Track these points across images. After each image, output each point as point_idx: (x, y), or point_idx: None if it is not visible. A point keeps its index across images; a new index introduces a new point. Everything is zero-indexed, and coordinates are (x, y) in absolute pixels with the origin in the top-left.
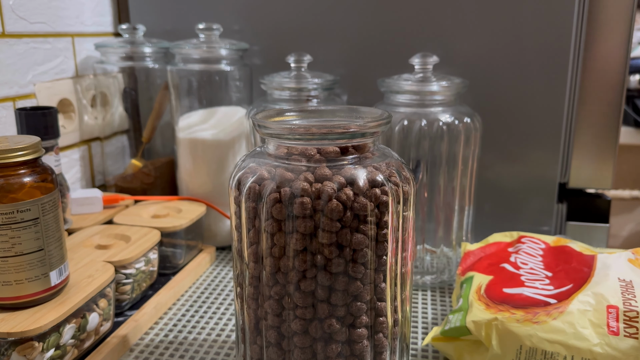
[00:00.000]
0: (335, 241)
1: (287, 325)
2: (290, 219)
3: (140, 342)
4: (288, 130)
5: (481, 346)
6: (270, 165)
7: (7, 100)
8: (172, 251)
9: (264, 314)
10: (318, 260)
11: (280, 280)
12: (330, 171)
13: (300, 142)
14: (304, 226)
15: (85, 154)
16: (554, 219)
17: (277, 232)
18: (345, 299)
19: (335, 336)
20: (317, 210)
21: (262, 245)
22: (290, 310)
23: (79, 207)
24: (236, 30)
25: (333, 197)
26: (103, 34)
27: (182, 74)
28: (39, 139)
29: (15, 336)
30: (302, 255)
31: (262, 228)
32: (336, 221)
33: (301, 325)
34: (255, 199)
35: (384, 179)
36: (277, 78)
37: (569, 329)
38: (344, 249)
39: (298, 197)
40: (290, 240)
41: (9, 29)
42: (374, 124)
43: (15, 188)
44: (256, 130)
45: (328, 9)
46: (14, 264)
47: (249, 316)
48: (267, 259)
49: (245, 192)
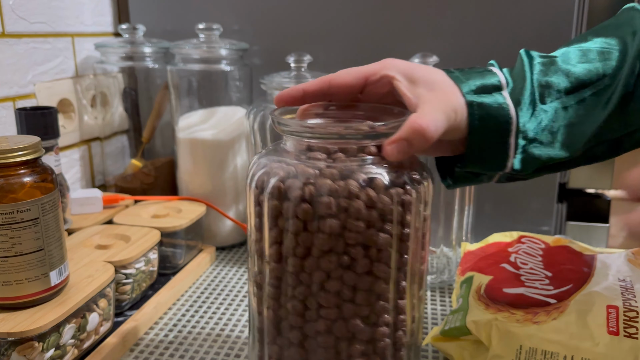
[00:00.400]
0: (360, 241)
1: (310, 325)
2: (316, 219)
3: (140, 342)
4: (308, 129)
5: (481, 346)
6: (292, 164)
7: (7, 100)
8: (172, 251)
9: (285, 314)
10: (344, 261)
11: (304, 281)
12: (354, 171)
13: (323, 141)
14: (329, 226)
15: (85, 154)
16: (553, 219)
17: (302, 232)
18: (370, 298)
19: (359, 335)
20: (342, 210)
21: (286, 245)
22: (314, 311)
23: (79, 207)
24: (236, 30)
25: (359, 197)
26: (103, 34)
27: (182, 74)
28: (39, 139)
29: (15, 336)
30: (327, 255)
31: (286, 227)
32: (362, 221)
33: (326, 325)
34: (280, 197)
35: (407, 179)
36: (277, 78)
37: (569, 329)
38: (369, 248)
39: (324, 196)
40: (316, 240)
41: (9, 29)
42: (397, 124)
43: (15, 188)
44: (275, 127)
45: (328, 9)
46: (14, 264)
47: (269, 316)
48: (290, 258)
49: (269, 190)
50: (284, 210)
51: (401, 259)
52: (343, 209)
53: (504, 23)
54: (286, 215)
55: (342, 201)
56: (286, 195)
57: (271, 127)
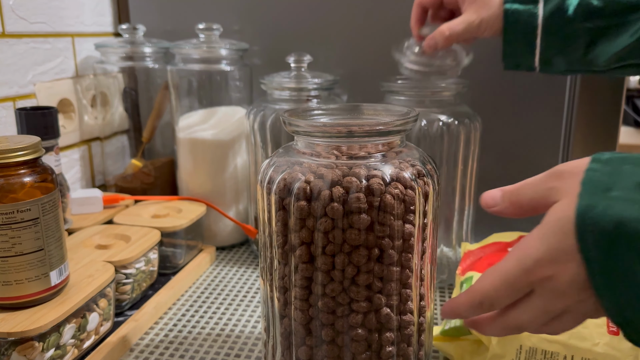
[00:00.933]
0: (389, 234)
1: (341, 321)
2: (345, 215)
3: (140, 341)
4: (319, 129)
5: (481, 346)
6: (311, 165)
7: (7, 100)
8: (172, 251)
9: (315, 313)
10: (374, 254)
11: (335, 278)
12: (375, 167)
13: (337, 141)
14: (361, 222)
15: (85, 154)
16: None
17: (332, 230)
18: (398, 287)
19: (389, 325)
20: (372, 206)
21: (315, 244)
22: (345, 306)
23: (79, 207)
24: (236, 31)
25: (385, 192)
26: (103, 34)
27: (182, 74)
28: (39, 139)
29: (15, 336)
30: (358, 250)
31: (317, 227)
32: (390, 214)
33: (358, 319)
34: (307, 198)
35: (425, 171)
36: (277, 78)
37: None
38: (395, 240)
39: (353, 194)
40: (347, 236)
41: (9, 29)
42: (406, 121)
43: (15, 188)
44: (286, 128)
45: (328, 9)
46: (14, 263)
47: (297, 318)
48: (320, 257)
49: (295, 192)
50: (312, 211)
51: (422, 247)
52: (371, 204)
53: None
54: (315, 215)
55: (370, 198)
56: (313, 195)
57: (271, 126)
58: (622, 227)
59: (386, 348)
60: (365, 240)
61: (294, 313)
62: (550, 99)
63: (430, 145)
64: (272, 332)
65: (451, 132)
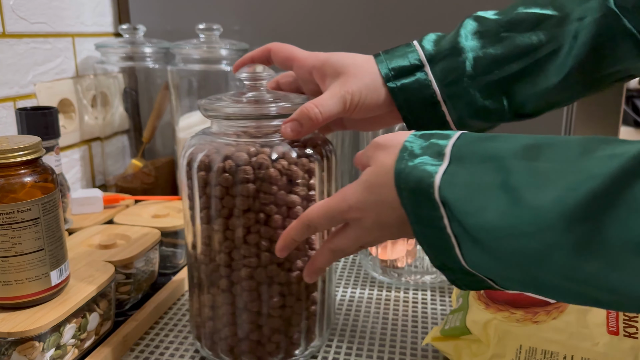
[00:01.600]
0: (273, 201)
1: (236, 274)
2: (236, 184)
3: (140, 341)
4: (226, 113)
5: (481, 346)
6: (216, 142)
7: (7, 100)
8: (173, 251)
9: (216, 266)
10: (260, 218)
11: (229, 237)
12: (270, 146)
13: (240, 123)
14: (246, 190)
15: (86, 154)
16: None
17: (225, 197)
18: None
19: (276, 279)
20: (257, 177)
21: (213, 208)
22: (238, 261)
23: (79, 207)
24: (236, 31)
25: (270, 167)
26: (103, 34)
27: (182, 74)
28: (40, 139)
29: (15, 336)
30: (247, 214)
31: (213, 194)
32: (274, 185)
33: (248, 272)
34: (206, 169)
35: (314, 151)
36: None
37: (568, 329)
38: (281, 207)
39: (241, 166)
40: (237, 202)
41: (9, 29)
42: (295, 107)
43: (15, 188)
44: (202, 112)
45: (328, 10)
46: (14, 263)
47: (203, 270)
48: (217, 219)
49: (197, 164)
50: (209, 180)
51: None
52: (257, 176)
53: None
54: (211, 184)
55: (257, 171)
56: (210, 167)
57: None
58: (421, 183)
59: (273, 299)
60: (252, 205)
61: (201, 266)
62: None
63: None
64: (190, 283)
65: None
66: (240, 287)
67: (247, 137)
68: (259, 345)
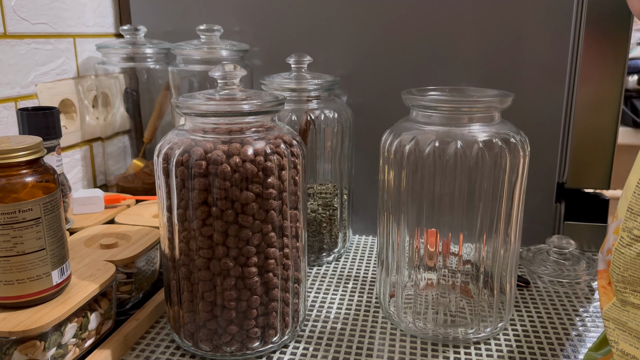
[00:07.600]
0: (226, 196)
1: (193, 263)
2: (191, 178)
3: (141, 341)
4: (197, 110)
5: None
6: (185, 138)
7: (9, 100)
8: None
9: (177, 255)
10: (213, 211)
11: (187, 228)
12: (234, 142)
13: (208, 119)
14: (199, 183)
15: (87, 154)
16: (551, 218)
17: (182, 189)
18: (238, 243)
19: (230, 272)
20: (211, 172)
21: (172, 199)
22: (195, 251)
23: (80, 206)
24: (237, 32)
25: (224, 162)
26: (104, 35)
27: (183, 74)
28: (41, 139)
29: (17, 335)
30: (202, 207)
31: (172, 185)
32: (227, 181)
33: (203, 262)
34: (168, 162)
35: (271, 150)
36: (278, 79)
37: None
38: (234, 203)
39: (196, 161)
40: (191, 194)
41: (10, 30)
42: (267, 105)
43: (17, 188)
44: (176, 110)
45: (328, 10)
46: (15, 263)
47: (168, 257)
48: (176, 210)
49: (161, 157)
50: (169, 172)
51: (267, 213)
52: (210, 171)
53: (503, 25)
54: (171, 176)
55: (211, 167)
56: (169, 160)
57: None
58: None
59: (228, 291)
60: (206, 199)
61: (167, 253)
62: (549, 98)
63: (467, 171)
64: (164, 267)
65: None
66: (197, 276)
67: (214, 134)
68: (214, 335)
